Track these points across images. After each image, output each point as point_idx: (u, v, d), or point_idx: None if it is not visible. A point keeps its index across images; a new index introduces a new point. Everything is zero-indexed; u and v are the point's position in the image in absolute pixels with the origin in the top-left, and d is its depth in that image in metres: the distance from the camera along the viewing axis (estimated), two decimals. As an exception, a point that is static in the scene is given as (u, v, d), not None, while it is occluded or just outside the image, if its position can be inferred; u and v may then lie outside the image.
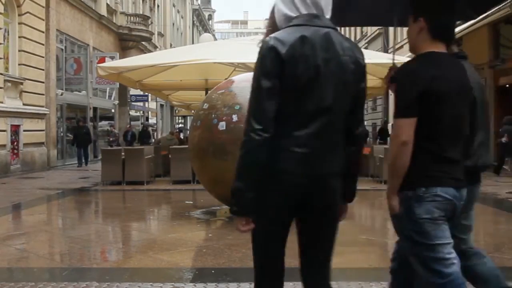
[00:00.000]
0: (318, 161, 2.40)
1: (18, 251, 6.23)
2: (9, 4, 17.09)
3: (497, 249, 6.13)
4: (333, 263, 5.61)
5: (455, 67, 2.90)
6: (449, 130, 2.77)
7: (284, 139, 2.38)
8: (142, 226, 8.61)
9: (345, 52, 2.45)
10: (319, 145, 2.40)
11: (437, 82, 2.70)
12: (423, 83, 2.69)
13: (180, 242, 6.68)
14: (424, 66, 2.76)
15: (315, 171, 2.41)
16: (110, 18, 26.98)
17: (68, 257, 6.10)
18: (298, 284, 4.58)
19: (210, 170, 7.99)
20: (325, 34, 2.42)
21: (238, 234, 7.01)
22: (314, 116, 2.39)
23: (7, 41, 17.09)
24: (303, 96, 2.38)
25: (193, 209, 9.22)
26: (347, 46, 2.47)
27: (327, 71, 2.38)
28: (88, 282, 4.71)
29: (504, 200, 10.49)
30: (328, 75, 2.39)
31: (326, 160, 2.43)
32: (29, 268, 5.64)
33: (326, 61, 2.38)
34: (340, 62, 2.42)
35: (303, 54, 2.35)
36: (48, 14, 19.72)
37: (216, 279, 4.82)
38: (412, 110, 2.69)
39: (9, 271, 5.49)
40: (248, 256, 5.69)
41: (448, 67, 2.83)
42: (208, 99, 8.35)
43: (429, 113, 2.70)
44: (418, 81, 2.70)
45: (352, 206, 6.86)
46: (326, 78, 2.38)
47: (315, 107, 2.39)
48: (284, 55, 2.34)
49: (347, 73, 2.44)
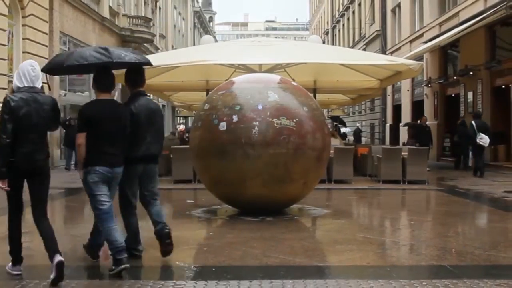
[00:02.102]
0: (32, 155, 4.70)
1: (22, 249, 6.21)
2: (13, 6, 17.09)
3: (493, 247, 6.13)
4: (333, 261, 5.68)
5: (110, 105, 5.16)
6: (105, 136, 4.99)
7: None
8: (144, 224, 8.56)
9: (44, 103, 4.77)
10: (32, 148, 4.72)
11: (96, 113, 5.03)
12: (88, 114, 5.06)
13: (181, 240, 6.66)
14: (90, 106, 5.25)
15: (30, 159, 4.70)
16: (112, 20, 26.98)
17: (71, 255, 6.09)
18: (297, 282, 4.59)
19: (211, 169, 8.00)
20: (33, 95, 4.72)
21: (238, 232, 7.03)
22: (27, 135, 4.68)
23: (11, 42, 17.09)
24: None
25: (194, 208, 9.21)
26: (47, 100, 4.86)
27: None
28: (91, 280, 4.71)
29: (499, 199, 10.51)
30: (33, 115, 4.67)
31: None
32: (33, 265, 5.62)
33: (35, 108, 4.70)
34: (42, 108, 4.72)
35: (20, 105, 4.61)
36: (51, 16, 19.72)
37: (217, 277, 4.81)
38: (84, 128, 4.98)
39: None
40: (249, 254, 5.70)
41: (105, 105, 5.12)
42: (208, 99, 8.35)
43: (93, 128, 4.96)
44: (87, 113, 5.07)
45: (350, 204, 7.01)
46: (31, 114, 4.66)
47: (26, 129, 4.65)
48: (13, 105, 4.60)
49: (45, 113, 4.75)
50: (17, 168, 4.58)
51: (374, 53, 25.14)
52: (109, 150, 4.97)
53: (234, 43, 18.31)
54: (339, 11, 48.96)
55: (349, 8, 44.06)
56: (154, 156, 5.54)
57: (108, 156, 4.96)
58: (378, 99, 32.87)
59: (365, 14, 37.72)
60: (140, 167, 5.39)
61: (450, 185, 13.13)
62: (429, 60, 23.96)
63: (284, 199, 8.10)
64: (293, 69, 12.90)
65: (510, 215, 9.05)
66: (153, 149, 5.47)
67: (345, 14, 46.33)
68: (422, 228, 7.89)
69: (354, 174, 13.53)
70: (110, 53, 5.14)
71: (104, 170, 4.93)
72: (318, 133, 7.84)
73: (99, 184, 4.94)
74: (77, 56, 5.25)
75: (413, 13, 27.45)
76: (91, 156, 4.93)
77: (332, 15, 54.00)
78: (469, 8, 19.36)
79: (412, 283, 4.56)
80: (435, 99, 23.74)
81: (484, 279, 4.68)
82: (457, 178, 14.77)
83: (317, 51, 13.37)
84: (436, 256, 5.72)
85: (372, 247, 6.42)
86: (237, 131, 7.51)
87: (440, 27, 22.40)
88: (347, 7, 44.84)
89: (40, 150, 4.73)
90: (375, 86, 15.91)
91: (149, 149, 5.41)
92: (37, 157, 4.68)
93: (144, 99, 5.57)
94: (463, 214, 9.42)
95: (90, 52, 5.27)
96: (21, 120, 4.57)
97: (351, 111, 43.14)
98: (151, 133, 5.43)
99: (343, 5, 46.86)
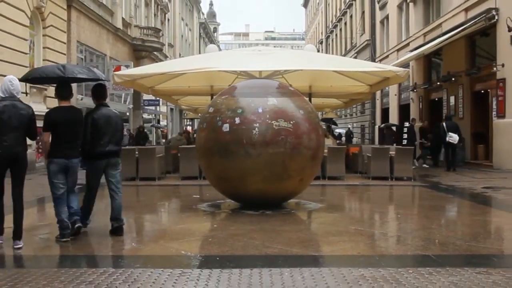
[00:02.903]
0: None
1: (42, 240, 6.23)
2: (34, 18, 17.11)
3: (473, 239, 6.13)
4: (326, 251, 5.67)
5: (68, 111, 6.03)
6: (63, 135, 5.83)
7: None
8: (154, 217, 8.61)
9: (22, 109, 5.66)
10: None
11: (57, 117, 5.89)
12: (51, 118, 5.89)
13: (188, 232, 6.68)
14: (52, 111, 6.04)
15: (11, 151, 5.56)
16: (125, 30, 26.99)
17: (87, 246, 6.10)
18: (294, 270, 4.59)
19: (215, 167, 8.00)
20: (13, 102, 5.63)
21: (241, 225, 7.02)
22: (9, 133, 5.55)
23: (32, 51, 17.12)
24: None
25: (200, 202, 9.21)
26: (25, 107, 5.75)
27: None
28: (105, 268, 4.71)
29: (479, 194, 10.50)
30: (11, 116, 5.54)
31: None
32: (52, 255, 5.64)
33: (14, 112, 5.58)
34: (19, 113, 5.62)
35: (3, 111, 5.52)
36: (69, 27, 19.74)
37: (221, 265, 4.82)
38: (49, 128, 5.84)
39: (35, 258, 5.50)
40: (250, 245, 5.70)
41: (66, 111, 5.99)
42: (213, 103, 8.35)
43: (54, 129, 5.83)
44: (51, 117, 5.90)
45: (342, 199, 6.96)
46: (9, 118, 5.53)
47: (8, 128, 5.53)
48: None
49: (22, 117, 5.64)
50: (1, 156, 5.47)
51: (364, 61, 25.05)
52: (67, 145, 5.85)
53: (236, 51, 18.31)
54: (333, 22, 48.93)
55: (342, 20, 44.04)
56: (114, 152, 6.32)
57: (65, 150, 5.85)
58: (368, 103, 32.89)
59: (356, 25, 37.71)
60: (103, 161, 6.24)
61: (434, 181, 13.13)
62: (415, 67, 23.96)
63: (282, 194, 8.10)
64: (291, 76, 12.89)
65: (489, 209, 9.05)
66: (111, 147, 6.26)
67: (338, 25, 46.30)
68: (408, 220, 7.89)
69: (346, 171, 13.54)
70: (65, 70, 6.09)
71: (61, 161, 5.83)
72: (313, 134, 7.84)
73: (57, 173, 5.84)
74: (40, 71, 6.60)
75: (400, 24, 27.45)
76: (53, 150, 5.85)
77: (326, 26, 53.97)
78: (451, 19, 19.36)
79: (399, 271, 4.56)
80: (420, 103, 23.74)
81: (465, 268, 4.67)
82: (440, 175, 14.76)
83: (312, 59, 13.35)
84: (421, 247, 5.72)
85: (363, 238, 6.42)
86: (239, 132, 7.52)
87: (424, 37, 22.40)
88: (339, 18, 44.82)
89: (20, 144, 5.61)
90: (365, 91, 15.89)
91: (109, 146, 6.22)
92: (17, 149, 5.56)
93: (104, 109, 6.38)
94: (446, 208, 9.43)
95: (51, 68, 6.47)
96: (3, 121, 5.46)
97: (343, 114, 43.12)
98: (109, 135, 6.23)
99: (336, 16, 46.84)
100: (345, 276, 4.42)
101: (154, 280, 4.34)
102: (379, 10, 31.26)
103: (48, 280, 4.33)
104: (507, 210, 8.45)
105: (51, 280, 4.34)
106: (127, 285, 4.19)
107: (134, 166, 13.18)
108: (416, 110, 23.96)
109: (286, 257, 5.19)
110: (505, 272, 4.54)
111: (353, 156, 15.61)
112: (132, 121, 28.03)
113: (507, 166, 15.44)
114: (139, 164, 13.19)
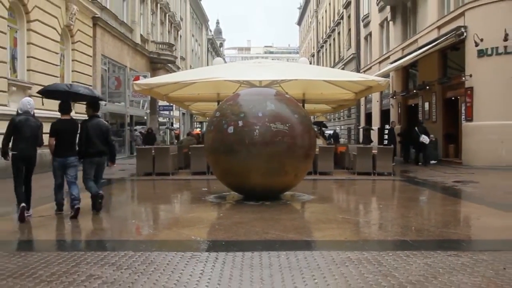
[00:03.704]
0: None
1: (72, 227, 6.24)
2: (64, 34, 17.13)
3: (445, 226, 6.13)
4: (317, 236, 5.66)
5: (67, 122, 6.87)
6: (63, 140, 6.71)
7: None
8: (168, 207, 8.61)
9: (34, 122, 6.57)
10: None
11: (59, 127, 6.82)
12: (56, 127, 6.80)
13: (198, 220, 6.68)
14: (57, 122, 6.86)
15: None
16: (143, 45, 26.98)
17: (110, 232, 6.11)
18: (290, 253, 4.59)
19: (221, 164, 7.99)
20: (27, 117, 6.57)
21: (243, 214, 7.00)
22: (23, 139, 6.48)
23: (62, 63, 17.12)
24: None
25: (208, 194, 9.21)
26: (35, 122, 6.61)
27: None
28: (126, 252, 4.72)
29: (450, 187, 10.50)
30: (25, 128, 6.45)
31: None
32: (80, 240, 5.65)
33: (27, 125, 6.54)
34: (31, 126, 6.53)
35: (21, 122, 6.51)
36: (94, 42, 19.74)
37: (226, 249, 4.82)
38: (54, 134, 6.72)
39: (65, 242, 5.52)
40: (251, 231, 5.70)
41: (66, 122, 6.84)
42: (219, 108, 8.34)
43: (57, 136, 6.72)
44: (55, 127, 6.81)
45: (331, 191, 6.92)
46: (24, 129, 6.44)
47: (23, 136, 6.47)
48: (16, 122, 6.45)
49: (33, 128, 6.54)
50: (18, 156, 6.46)
51: (351, 72, 25.10)
52: (65, 148, 6.78)
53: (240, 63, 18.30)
54: (323, 38, 48.86)
55: (331, 36, 43.98)
56: (102, 152, 7.18)
57: (64, 151, 6.75)
58: (354, 108, 32.84)
59: (343, 40, 37.66)
60: (95, 159, 7.11)
61: (411, 176, 13.12)
62: (394, 77, 23.93)
63: (279, 187, 8.10)
64: (287, 84, 12.87)
65: (459, 200, 9.04)
66: (100, 148, 7.11)
67: (327, 40, 46.23)
68: (389, 210, 7.88)
69: (334, 167, 13.53)
70: (71, 87, 7.38)
71: (61, 160, 6.75)
72: (306, 135, 7.84)
73: (57, 169, 6.79)
74: (53, 86, 7.74)
75: (381, 40, 27.41)
76: (56, 151, 6.75)
77: (317, 41, 53.90)
78: (426, 36, 19.34)
79: (381, 254, 4.56)
80: (399, 108, 23.71)
81: (438, 251, 4.68)
82: (416, 170, 14.75)
83: (305, 70, 13.34)
84: (400, 233, 5.72)
85: (349, 226, 6.42)
86: (242, 133, 7.51)
87: (402, 51, 22.37)
88: (329, 35, 44.76)
89: (31, 148, 6.59)
90: (351, 97, 15.87)
91: (98, 148, 7.09)
92: (29, 152, 6.56)
93: (95, 120, 7.24)
94: (421, 199, 9.42)
95: (62, 85, 7.93)
96: (19, 131, 6.46)
97: (332, 118, 43.04)
98: (99, 139, 7.08)
99: (326, 33, 46.77)
100: (333, 258, 4.43)
101: (168, 261, 4.35)
102: (363, 27, 31.23)
103: (76, 262, 4.33)
104: (474, 202, 8.44)
105: (79, 261, 4.35)
106: (145, 266, 4.20)
107: (151, 163, 13.18)
108: (395, 114, 23.93)
109: (282, 242, 5.19)
110: (472, 255, 4.54)
111: (340, 154, 15.61)
112: (149, 124, 28.04)
113: (475, 163, 15.45)
114: (155, 161, 13.19)
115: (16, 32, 14.12)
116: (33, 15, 14.52)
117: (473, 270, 4.05)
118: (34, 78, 14.51)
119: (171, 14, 34.98)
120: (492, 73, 15.43)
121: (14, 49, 14.04)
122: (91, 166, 7.08)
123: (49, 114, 10.27)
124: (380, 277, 3.87)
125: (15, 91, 13.66)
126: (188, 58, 42.28)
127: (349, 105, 22.05)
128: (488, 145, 15.36)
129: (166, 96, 15.12)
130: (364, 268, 4.12)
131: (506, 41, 15.07)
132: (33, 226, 6.23)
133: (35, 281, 3.81)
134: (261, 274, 3.97)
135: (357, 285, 3.68)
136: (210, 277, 3.88)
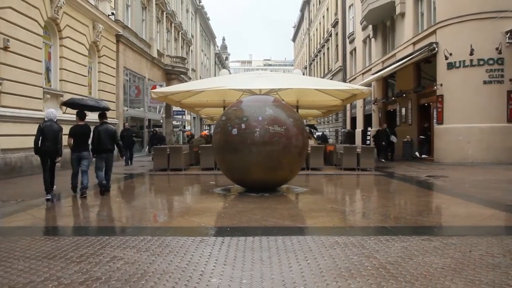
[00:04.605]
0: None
1: (96, 215, 6.24)
2: (91, 49, 17.13)
3: (419, 214, 6.12)
4: (309, 223, 5.61)
5: (82, 127, 7.81)
6: (78, 140, 7.68)
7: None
8: (181, 198, 8.60)
9: (56, 127, 7.58)
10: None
11: (76, 130, 7.83)
12: (73, 131, 7.77)
13: (206, 209, 6.68)
14: (74, 127, 7.85)
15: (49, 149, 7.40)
16: (159, 59, 26.96)
17: (131, 219, 6.11)
18: (286, 238, 4.58)
19: (227, 161, 7.99)
20: (51, 124, 7.49)
21: (246, 204, 6.97)
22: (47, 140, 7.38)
23: (90, 74, 17.12)
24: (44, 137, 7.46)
25: (215, 187, 9.21)
26: (57, 127, 7.53)
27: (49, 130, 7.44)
28: (144, 236, 4.72)
29: (424, 181, 10.48)
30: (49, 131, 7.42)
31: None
32: (104, 226, 5.64)
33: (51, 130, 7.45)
34: (54, 130, 7.44)
35: (46, 127, 7.42)
36: (117, 56, 19.73)
37: (231, 234, 4.82)
38: (72, 136, 7.74)
39: (91, 228, 5.50)
40: (252, 219, 5.69)
41: (81, 127, 7.87)
42: (225, 113, 8.34)
43: (74, 136, 7.79)
44: (73, 130, 7.86)
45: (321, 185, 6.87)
46: (48, 132, 7.41)
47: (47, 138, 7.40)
48: (42, 127, 7.40)
49: (55, 132, 7.43)
50: (44, 152, 7.37)
51: (338, 82, 25.07)
52: (80, 145, 7.77)
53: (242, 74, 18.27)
54: (314, 52, 48.82)
55: (321, 51, 43.94)
56: (109, 150, 8.14)
57: (79, 148, 7.76)
58: (341, 113, 32.77)
59: (332, 54, 37.63)
60: (104, 155, 8.08)
61: (390, 171, 13.10)
62: (376, 86, 23.91)
63: (276, 181, 8.09)
64: (283, 92, 12.89)
65: (431, 192, 9.01)
66: (108, 147, 8.07)
67: (318, 54, 46.19)
68: (371, 201, 7.87)
69: (324, 164, 13.52)
70: (82, 100, 9.18)
71: (76, 154, 7.80)
72: (299, 136, 7.83)
73: (74, 161, 7.83)
74: (70, 100, 9.24)
75: (364, 54, 27.38)
76: (73, 148, 7.75)
77: (309, 55, 53.83)
78: (403, 51, 19.32)
79: (364, 238, 4.56)
80: (379, 113, 23.67)
81: (413, 236, 4.67)
82: (394, 166, 14.73)
83: (299, 80, 13.34)
84: (380, 220, 5.71)
85: (337, 214, 6.41)
86: (244, 134, 7.51)
87: (383, 63, 22.35)
88: (319, 50, 44.73)
89: (53, 147, 7.41)
90: (339, 104, 15.87)
91: (106, 146, 8.05)
92: (52, 149, 7.40)
93: (104, 125, 8.16)
94: (399, 191, 9.40)
95: (76, 100, 9.56)
96: (45, 134, 7.36)
97: (322, 121, 43.01)
98: (107, 140, 8.02)
99: (316, 48, 46.73)
100: (323, 242, 4.42)
101: (181, 245, 4.35)
102: (349, 43, 31.20)
103: (102, 245, 4.33)
104: (445, 193, 8.42)
105: (104, 245, 4.35)
106: (161, 249, 4.20)
107: (166, 160, 13.18)
108: (376, 118, 23.91)
109: (279, 228, 5.18)
110: (443, 239, 4.53)
111: (329, 153, 15.59)
112: (164, 127, 28.06)
113: (445, 161, 15.43)
114: (170, 158, 13.20)
115: (50, 47, 14.14)
116: (65, 32, 14.53)
117: (444, 252, 4.05)
118: (66, 87, 14.53)
119: (184, 32, 34.98)
120: (460, 83, 15.41)
121: (48, 62, 14.07)
122: (101, 160, 8.10)
123: (70, 118, 11.44)
124: (364, 258, 3.86)
125: (49, 98, 13.68)
126: (198, 70, 42.25)
127: (336, 110, 22.04)
128: (456, 145, 15.34)
129: (179, 103, 15.13)
130: (349, 250, 4.12)
131: (472, 55, 15.08)
132: (64, 215, 6.23)
133: (66, 261, 3.81)
134: (261, 255, 3.97)
135: (343, 265, 3.68)
136: (217, 258, 3.88)
